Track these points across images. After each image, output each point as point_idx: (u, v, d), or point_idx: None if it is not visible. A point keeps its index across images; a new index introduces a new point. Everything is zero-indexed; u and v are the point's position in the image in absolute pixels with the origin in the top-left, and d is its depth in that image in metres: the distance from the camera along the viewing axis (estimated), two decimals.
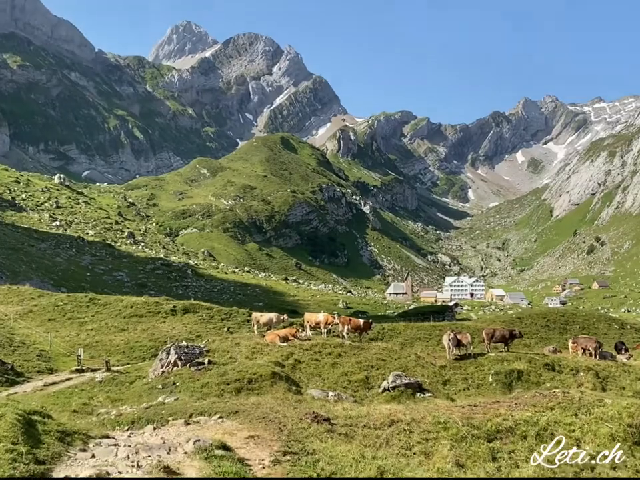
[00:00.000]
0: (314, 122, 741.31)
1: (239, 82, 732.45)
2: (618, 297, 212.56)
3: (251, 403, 15.14)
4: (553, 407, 14.37)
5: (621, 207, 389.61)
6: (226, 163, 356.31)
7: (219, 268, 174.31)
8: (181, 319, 45.20)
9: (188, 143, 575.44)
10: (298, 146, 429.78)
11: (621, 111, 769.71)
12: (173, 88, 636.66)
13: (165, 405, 15.88)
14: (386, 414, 13.31)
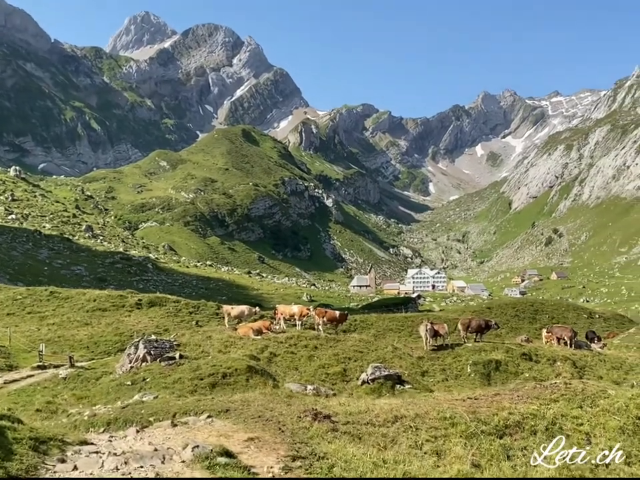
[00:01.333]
0: (275, 114, 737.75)
1: (199, 73, 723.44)
2: (576, 288, 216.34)
3: (239, 400, 13.97)
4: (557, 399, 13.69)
5: (578, 200, 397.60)
6: (186, 156, 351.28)
7: (180, 262, 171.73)
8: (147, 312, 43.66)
9: (147, 135, 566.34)
10: (260, 139, 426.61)
11: (578, 105, 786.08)
12: (131, 79, 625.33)
13: (144, 404, 14.49)
14: (387, 409, 12.38)
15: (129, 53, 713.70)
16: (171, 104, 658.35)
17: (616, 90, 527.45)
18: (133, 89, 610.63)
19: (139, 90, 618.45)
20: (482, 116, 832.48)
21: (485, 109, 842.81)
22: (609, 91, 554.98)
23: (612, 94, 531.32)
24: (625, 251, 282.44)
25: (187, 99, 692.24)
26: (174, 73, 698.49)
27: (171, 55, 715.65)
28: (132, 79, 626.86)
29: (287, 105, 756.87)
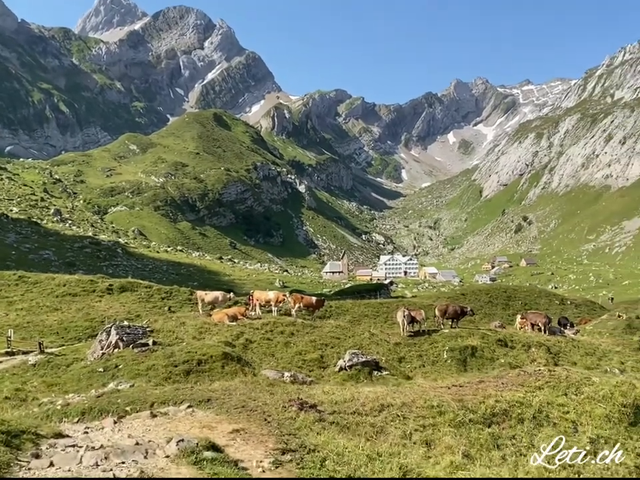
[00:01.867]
0: (247, 99, 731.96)
1: (169, 56, 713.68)
2: (545, 274, 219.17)
3: (219, 388, 13.52)
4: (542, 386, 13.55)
5: (547, 187, 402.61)
6: (156, 139, 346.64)
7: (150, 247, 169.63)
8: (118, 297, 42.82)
9: (116, 118, 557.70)
10: (231, 123, 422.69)
11: (548, 94, 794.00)
12: (101, 61, 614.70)
13: (119, 393, 13.90)
14: (372, 397, 12.05)
15: (98, 35, 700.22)
16: (141, 87, 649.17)
17: (586, 79, 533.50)
18: (102, 71, 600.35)
19: (108, 72, 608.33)
20: (454, 103, 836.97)
21: (457, 96, 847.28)
22: (580, 80, 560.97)
23: (582, 83, 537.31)
24: (593, 238, 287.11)
25: (158, 81, 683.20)
26: (144, 55, 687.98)
27: (141, 37, 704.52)
28: (101, 61, 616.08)
29: (259, 90, 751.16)
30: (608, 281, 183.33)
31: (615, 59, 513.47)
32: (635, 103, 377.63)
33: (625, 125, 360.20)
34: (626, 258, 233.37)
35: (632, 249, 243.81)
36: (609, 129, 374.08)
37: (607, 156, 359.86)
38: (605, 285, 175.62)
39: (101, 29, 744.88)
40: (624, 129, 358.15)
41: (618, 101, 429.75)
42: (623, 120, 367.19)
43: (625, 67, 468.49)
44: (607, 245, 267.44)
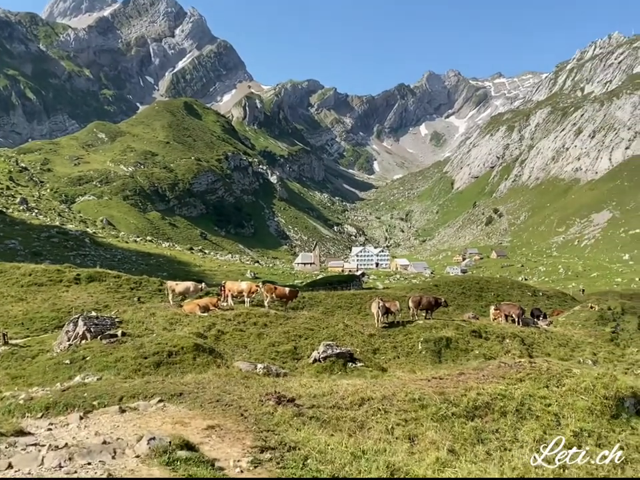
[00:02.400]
0: (219, 88, 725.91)
1: (139, 43, 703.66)
2: (515, 266, 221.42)
3: (192, 381, 12.98)
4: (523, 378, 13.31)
5: (518, 180, 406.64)
6: (125, 128, 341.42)
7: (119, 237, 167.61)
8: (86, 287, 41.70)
9: (84, 105, 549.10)
10: (202, 112, 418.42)
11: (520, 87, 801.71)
12: (69, 48, 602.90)
13: (86, 386, 13.19)
14: (352, 391, 11.64)
15: (66, 21, 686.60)
16: (110, 74, 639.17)
17: (557, 73, 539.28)
18: (70, 57, 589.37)
19: (76, 59, 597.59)
20: (426, 95, 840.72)
21: (429, 88, 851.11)
22: (551, 74, 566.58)
23: (553, 77, 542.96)
24: (563, 231, 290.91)
25: (127, 69, 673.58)
26: (114, 42, 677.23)
27: (110, 24, 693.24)
28: (69, 47, 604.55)
29: (230, 79, 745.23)
30: (577, 273, 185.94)
31: (586, 53, 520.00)
32: (604, 97, 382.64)
33: (595, 118, 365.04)
34: (594, 250, 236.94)
35: (600, 242, 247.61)
36: (579, 123, 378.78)
37: (576, 149, 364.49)
38: (574, 277, 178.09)
39: (69, 14, 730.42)
40: (593, 123, 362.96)
41: (588, 94, 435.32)
42: (592, 114, 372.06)
43: (595, 61, 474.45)
44: (576, 237, 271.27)
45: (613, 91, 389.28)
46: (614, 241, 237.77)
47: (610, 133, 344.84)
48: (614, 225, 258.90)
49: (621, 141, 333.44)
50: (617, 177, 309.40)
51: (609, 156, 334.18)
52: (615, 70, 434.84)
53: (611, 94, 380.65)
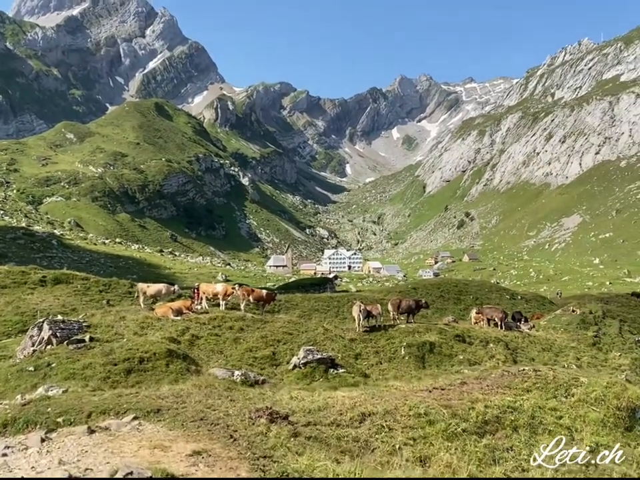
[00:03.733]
0: (190, 89, 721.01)
1: (109, 43, 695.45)
2: (487, 270, 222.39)
3: (169, 394, 11.54)
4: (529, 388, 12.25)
5: (489, 184, 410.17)
6: (95, 128, 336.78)
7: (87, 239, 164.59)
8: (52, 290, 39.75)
9: (52, 105, 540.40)
10: (173, 113, 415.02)
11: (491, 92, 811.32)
12: (36, 46, 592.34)
13: (50, 400, 11.49)
14: (349, 404, 10.39)
15: (34, 19, 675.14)
16: (79, 74, 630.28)
17: (528, 78, 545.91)
18: (38, 56, 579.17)
19: (44, 58, 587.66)
20: (398, 99, 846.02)
21: (401, 92, 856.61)
22: (521, 79, 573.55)
23: (524, 82, 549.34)
24: (533, 234, 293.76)
25: (97, 69, 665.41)
26: (83, 41, 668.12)
27: (79, 23, 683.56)
28: (37, 46, 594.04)
29: (202, 80, 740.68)
30: (548, 277, 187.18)
31: (556, 59, 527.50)
32: (574, 103, 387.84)
33: (565, 124, 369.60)
34: (565, 254, 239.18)
35: (571, 246, 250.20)
36: (549, 128, 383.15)
37: (547, 154, 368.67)
38: (546, 281, 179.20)
39: (37, 13, 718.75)
40: (564, 128, 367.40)
41: (558, 100, 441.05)
42: (563, 119, 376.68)
43: (566, 67, 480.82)
44: (546, 241, 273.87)
45: (582, 97, 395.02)
46: (584, 245, 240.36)
47: (580, 138, 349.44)
48: (584, 229, 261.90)
49: (591, 146, 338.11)
50: (587, 182, 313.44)
51: (579, 161, 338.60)
52: (584, 76, 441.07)
53: (581, 99, 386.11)
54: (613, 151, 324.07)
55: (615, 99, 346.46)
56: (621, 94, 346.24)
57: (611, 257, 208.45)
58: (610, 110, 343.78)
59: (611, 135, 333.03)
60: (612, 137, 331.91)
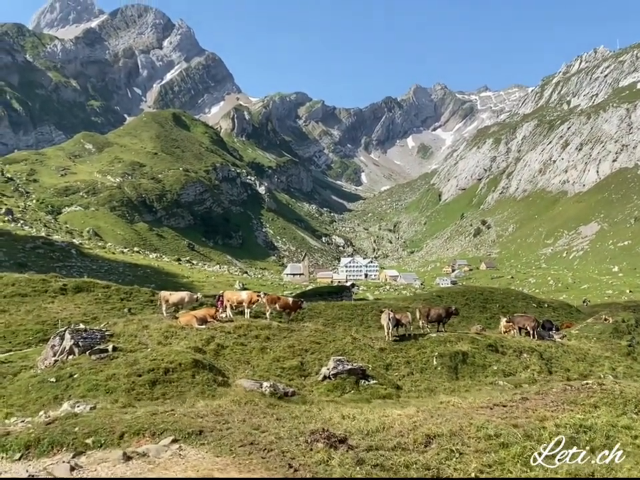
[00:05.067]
0: (207, 100, 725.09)
1: (127, 55, 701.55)
2: (505, 278, 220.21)
3: (208, 411, 10.60)
4: (596, 404, 11.21)
5: (505, 192, 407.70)
6: (113, 139, 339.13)
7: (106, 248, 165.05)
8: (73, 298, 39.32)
9: (71, 117, 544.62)
10: (190, 123, 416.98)
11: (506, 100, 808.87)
12: (56, 58, 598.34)
13: (77, 418, 10.47)
14: (409, 424, 9.41)
15: (53, 32, 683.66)
16: (98, 85, 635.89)
17: (543, 86, 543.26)
18: (57, 68, 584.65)
19: (63, 70, 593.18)
20: (413, 108, 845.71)
21: (416, 101, 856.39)
22: (537, 87, 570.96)
23: (539, 90, 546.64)
24: (551, 242, 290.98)
25: (115, 80, 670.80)
26: (101, 53, 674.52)
27: (98, 35, 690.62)
28: (56, 58, 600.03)
29: (218, 91, 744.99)
30: (567, 285, 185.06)
31: (572, 67, 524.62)
32: (590, 110, 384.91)
33: (581, 131, 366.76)
34: (583, 262, 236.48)
35: (589, 254, 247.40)
36: (565, 136, 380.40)
37: (563, 162, 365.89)
38: (564, 289, 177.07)
39: (56, 25, 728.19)
40: (580, 136, 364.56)
41: (574, 108, 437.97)
42: (579, 127, 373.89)
43: (581, 74, 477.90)
44: (564, 249, 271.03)
45: (599, 104, 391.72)
46: (603, 253, 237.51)
47: (597, 145, 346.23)
48: (602, 237, 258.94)
49: (608, 154, 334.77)
50: (604, 190, 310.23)
51: (597, 168, 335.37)
52: (600, 83, 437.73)
53: (598, 107, 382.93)
54: (630, 159, 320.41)
55: (631, 106, 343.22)
56: (638, 101, 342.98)
57: (630, 264, 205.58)
58: (627, 117, 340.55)
59: (629, 143, 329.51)
60: (629, 144, 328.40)
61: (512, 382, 24.24)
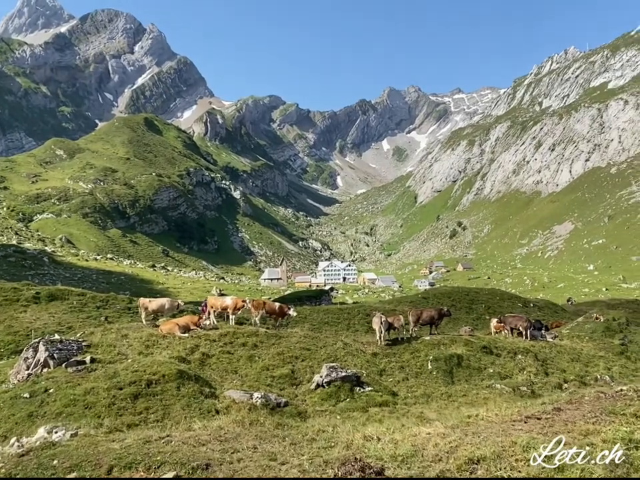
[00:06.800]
0: (179, 104, 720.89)
1: (98, 60, 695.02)
2: (482, 278, 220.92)
3: (209, 436, 9.02)
4: (637, 413, 10.06)
5: (480, 193, 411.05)
6: (84, 144, 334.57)
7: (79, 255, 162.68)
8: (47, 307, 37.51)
9: (42, 123, 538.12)
10: (163, 128, 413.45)
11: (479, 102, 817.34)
12: (25, 64, 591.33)
13: (56, 448, 8.61)
14: (444, 445, 8.03)
15: (22, 37, 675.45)
16: (68, 91, 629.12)
17: (515, 88, 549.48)
18: (26, 74, 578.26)
19: (33, 76, 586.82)
20: (387, 111, 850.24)
21: (390, 104, 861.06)
22: (509, 89, 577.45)
23: (511, 92, 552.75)
24: (526, 242, 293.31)
25: (85, 86, 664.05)
26: (71, 58, 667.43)
27: (68, 40, 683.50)
28: (25, 64, 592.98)
29: (191, 95, 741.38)
30: (543, 284, 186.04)
31: (543, 68, 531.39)
32: (562, 111, 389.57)
33: (554, 132, 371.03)
34: (558, 261, 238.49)
35: (564, 253, 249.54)
36: (538, 136, 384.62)
37: (536, 162, 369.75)
38: (541, 288, 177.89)
39: (25, 30, 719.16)
40: (553, 136, 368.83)
41: (546, 109, 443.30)
42: (551, 127, 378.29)
43: (553, 75, 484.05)
44: (539, 249, 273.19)
45: (571, 105, 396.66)
46: (577, 252, 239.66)
47: (569, 145, 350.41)
48: (576, 236, 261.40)
49: (581, 154, 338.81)
50: (577, 189, 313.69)
51: (569, 168, 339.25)
52: (572, 84, 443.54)
53: (569, 107, 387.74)
54: (602, 158, 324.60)
55: (603, 106, 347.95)
56: (609, 101, 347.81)
57: (605, 263, 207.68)
58: (599, 117, 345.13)
59: (601, 142, 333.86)
60: (601, 143, 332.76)
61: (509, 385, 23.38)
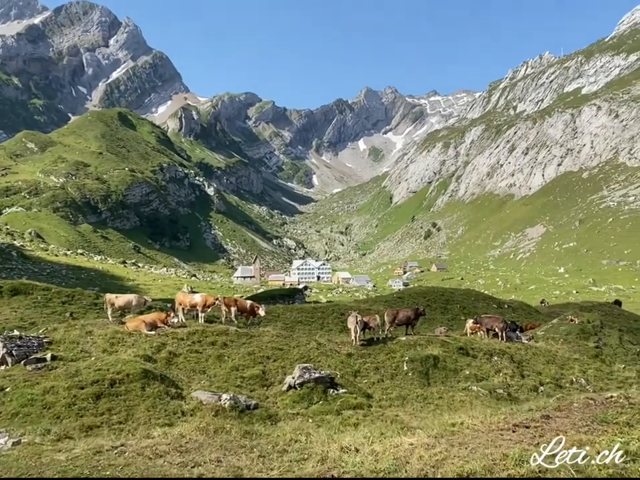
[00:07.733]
0: (154, 99, 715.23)
1: (72, 53, 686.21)
2: (455, 279, 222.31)
3: (169, 446, 8.17)
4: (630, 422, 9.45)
5: (454, 195, 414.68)
6: (56, 138, 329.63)
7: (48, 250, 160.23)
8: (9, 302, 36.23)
9: (13, 115, 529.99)
10: (137, 122, 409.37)
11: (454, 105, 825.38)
12: None
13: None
14: (429, 459, 7.18)
15: None
16: (41, 83, 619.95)
17: (490, 91, 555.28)
18: None
19: (4, 67, 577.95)
20: (364, 111, 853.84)
21: (367, 104, 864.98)
22: (484, 92, 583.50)
23: (487, 95, 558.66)
24: (498, 244, 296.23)
25: (59, 79, 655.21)
26: (44, 50, 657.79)
27: (41, 32, 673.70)
28: None
29: (166, 90, 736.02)
30: (515, 286, 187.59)
31: (518, 73, 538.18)
32: (536, 115, 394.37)
33: (528, 136, 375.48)
34: (530, 264, 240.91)
35: (535, 255, 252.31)
36: (512, 140, 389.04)
37: (510, 166, 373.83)
38: (513, 290, 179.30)
39: None
40: (526, 140, 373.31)
41: (521, 113, 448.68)
42: (525, 131, 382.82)
43: (527, 80, 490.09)
44: (511, 251, 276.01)
45: (544, 109, 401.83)
46: (548, 255, 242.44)
47: (543, 150, 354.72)
48: (548, 239, 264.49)
49: (553, 158, 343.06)
50: (549, 193, 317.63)
51: (542, 172, 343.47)
52: (546, 89, 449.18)
53: (543, 112, 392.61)
54: (575, 163, 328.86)
55: (576, 112, 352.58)
56: (583, 106, 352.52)
57: (575, 266, 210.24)
58: (572, 122, 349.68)
59: (573, 147, 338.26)
60: (574, 148, 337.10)
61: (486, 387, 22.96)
